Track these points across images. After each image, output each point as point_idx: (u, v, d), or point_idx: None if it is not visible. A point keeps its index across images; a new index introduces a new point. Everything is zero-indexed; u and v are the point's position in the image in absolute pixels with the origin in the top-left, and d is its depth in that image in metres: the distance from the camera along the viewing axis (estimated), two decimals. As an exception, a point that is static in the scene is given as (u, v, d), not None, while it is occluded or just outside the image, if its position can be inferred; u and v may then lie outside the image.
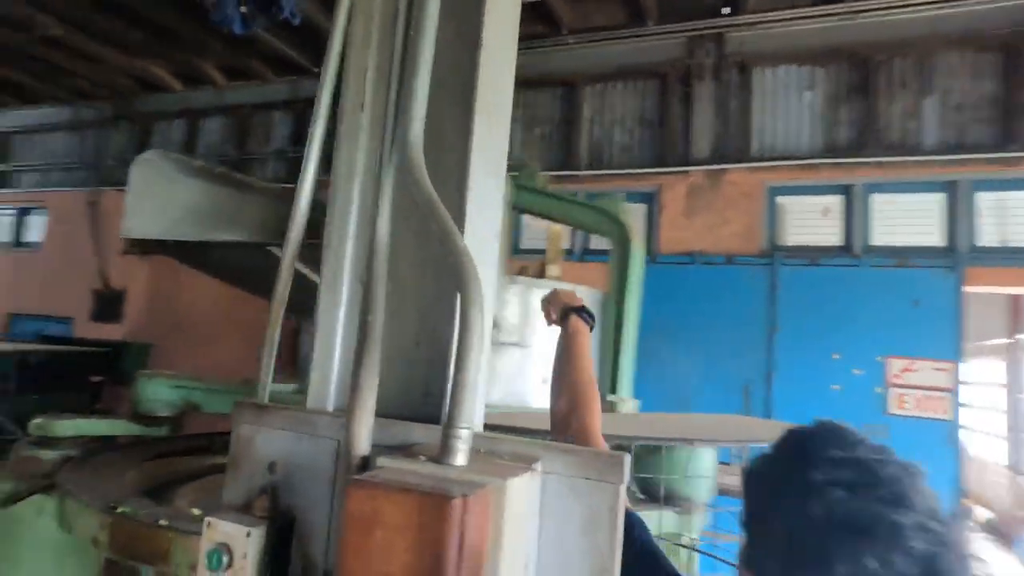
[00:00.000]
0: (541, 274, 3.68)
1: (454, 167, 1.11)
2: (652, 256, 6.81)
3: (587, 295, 3.33)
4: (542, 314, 2.52)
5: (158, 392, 3.42)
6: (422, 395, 1.08)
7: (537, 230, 8.22)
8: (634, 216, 3.91)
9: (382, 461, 0.88)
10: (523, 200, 3.66)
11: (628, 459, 0.90)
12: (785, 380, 6.14)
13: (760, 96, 6.80)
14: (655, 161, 7.08)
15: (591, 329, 1.52)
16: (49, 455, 2.84)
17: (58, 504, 2.22)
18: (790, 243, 6.52)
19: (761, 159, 6.64)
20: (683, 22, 6.98)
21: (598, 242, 7.28)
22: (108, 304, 9.36)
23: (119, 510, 1.95)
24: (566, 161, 7.51)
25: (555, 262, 3.66)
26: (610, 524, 0.88)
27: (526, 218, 8.20)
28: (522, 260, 8.15)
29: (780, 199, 6.64)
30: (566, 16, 7.20)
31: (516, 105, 7.09)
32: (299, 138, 8.90)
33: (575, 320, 1.48)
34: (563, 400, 1.37)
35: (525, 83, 7.76)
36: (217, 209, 2.80)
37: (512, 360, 3.09)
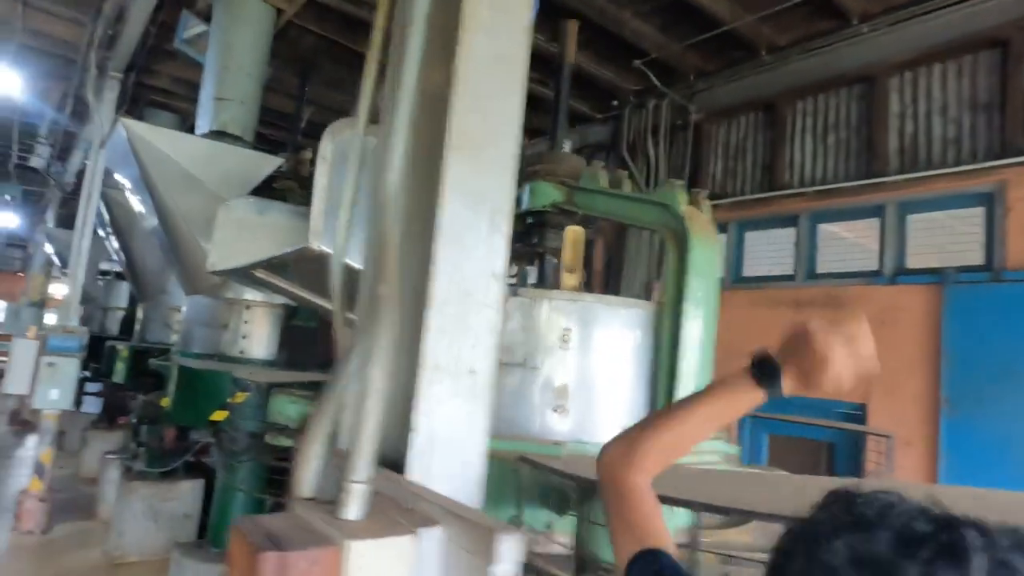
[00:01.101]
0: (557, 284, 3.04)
1: (426, 206, 1.14)
2: (994, 273, 5.32)
3: (630, 310, 2.63)
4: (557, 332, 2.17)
5: (282, 407, 3.65)
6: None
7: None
8: (699, 208, 2.84)
9: (297, 507, 0.95)
10: (581, 202, 3.18)
11: (509, 538, 0.80)
12: None
13: None
14: (994, 152, 5.53)
15: (766, 394, 1.04)
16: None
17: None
18: None
19: None
20: (1025, -32, 5.39)
21: (918, 259, 6.00)
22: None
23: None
24: (870, 168, 6.39)
25: (573, 271, 2.96)
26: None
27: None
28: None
29: None
30: (855, 4, 6.22)
31: (803, 114, 6.49)
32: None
33: (747, 376, 1.03)
34: (648, 446, 1.06)
35: (810, 88, 6.93)
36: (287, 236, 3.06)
37: (512, 383, 2.53)
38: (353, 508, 0.87)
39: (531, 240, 3.24)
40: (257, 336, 6.48)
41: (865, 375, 0.95)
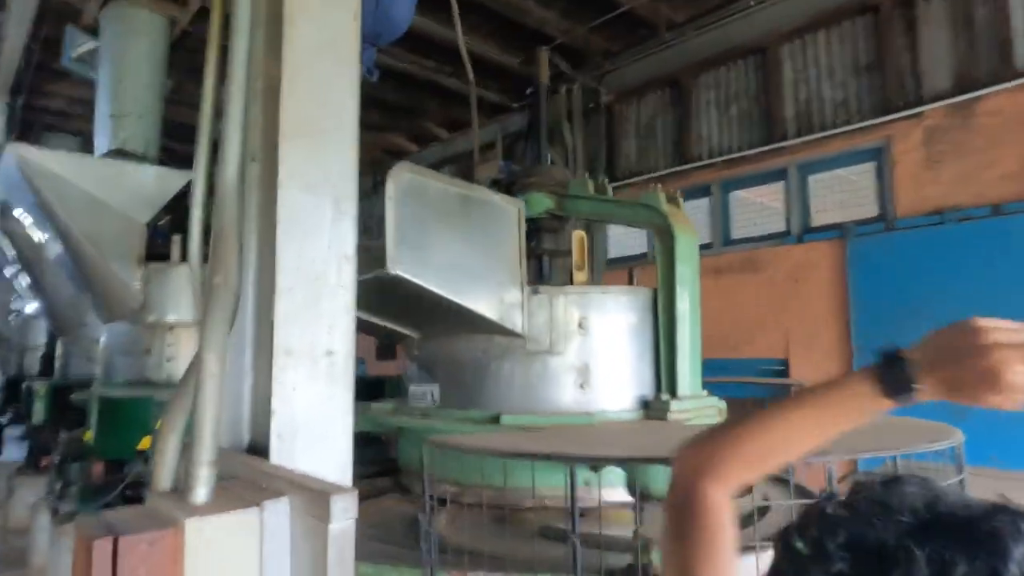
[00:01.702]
0: (570, 280, 3.56)
1: (272, 196, 1.16)
2: (888, 223, 5.69)
3: (629, 296, 3.15)
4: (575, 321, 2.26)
5: (362, 422, 3.92)
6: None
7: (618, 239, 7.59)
8: (676, 207, 3.44)
9: (150, 499, 0.97)
10: (571, 208, 3.66)
11: (343, 498, 0.84)
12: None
13: (1020, -6, 5.22)
14: (878, 110, 5.90)
15: (893, 402, 0.84)
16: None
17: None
18: (1093, 173, 4.82)
19: (1032, 72, 5.06)
20: (890, -64, 5.75)
21: (822, 216, 6.34)
22: (387, 346, 11.14)
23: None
24: (771, 134, 6.70)
25: (582, 268, 3.51)
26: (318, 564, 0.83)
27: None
28: (613, 270, 7.59)
29: (1069, 117, 4.96)
30: (741, -22, 6.50)
31: (706, 87, 6.76)
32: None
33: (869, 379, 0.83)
34: (730, 453, 0.87)
35: (710, 62, 7.20)
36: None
37: (543, 367, 3.00)
38: (200, 491, 0.90)
39: (530, 243, 3.72)
40: (184, 357, 6.27)
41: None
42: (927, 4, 5.66)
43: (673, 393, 2.99)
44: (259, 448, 1.11)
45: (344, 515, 0.81)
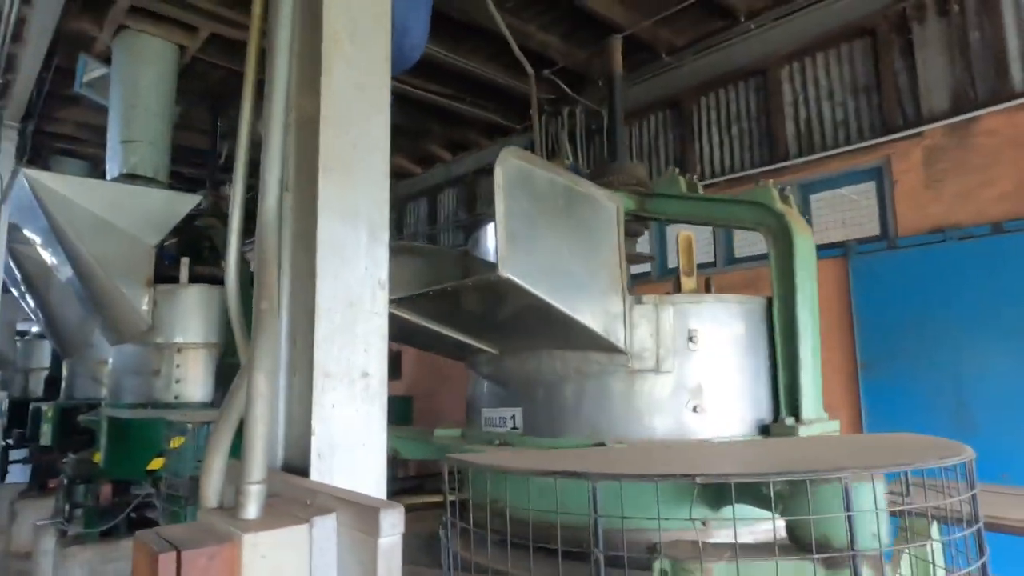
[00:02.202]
0: (677, 288, 3.18)
1: (310, 224, 1.22)
2: (890, 241, 5.76)
3: (743, 306, 2.79)
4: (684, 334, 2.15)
5: (423, 450, 3.69)
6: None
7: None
8: (791, 202, 3.13)
9: (201, 516, 1.01)
10: (657, 208, 3.32)
11: (390, 513, 0.89)
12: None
13: (1014, 14, 5.33)
14: (877, 130, 6.00)
15: None
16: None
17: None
18: (1090, 191, 4.90)
19: (1028, 92, 5.16)
20: (884, -38, 5.90)
21: (824, 235, 6.41)
22: (391, 365, 11.14)
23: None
24: (772, 154, 6.80)
25: (690, 274, 3.12)
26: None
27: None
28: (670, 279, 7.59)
29: (1066, 137, 5.05)
30: (740, 3, 6.64)
31: (707, 108, 6.88)
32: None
33: None
34: None
35: (711, 84, 7.33)
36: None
37: (648, 388, 2.62)
38: (251, 508, 0.94)
39: None
40: (192, 378, 6.32)
41: None
42: (922, 27, 5.79)
43: (797, 416, 2.63)
44: (296, 466, 1.16)
45: (392, 530, 0.85)
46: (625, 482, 1.38)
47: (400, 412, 8.54)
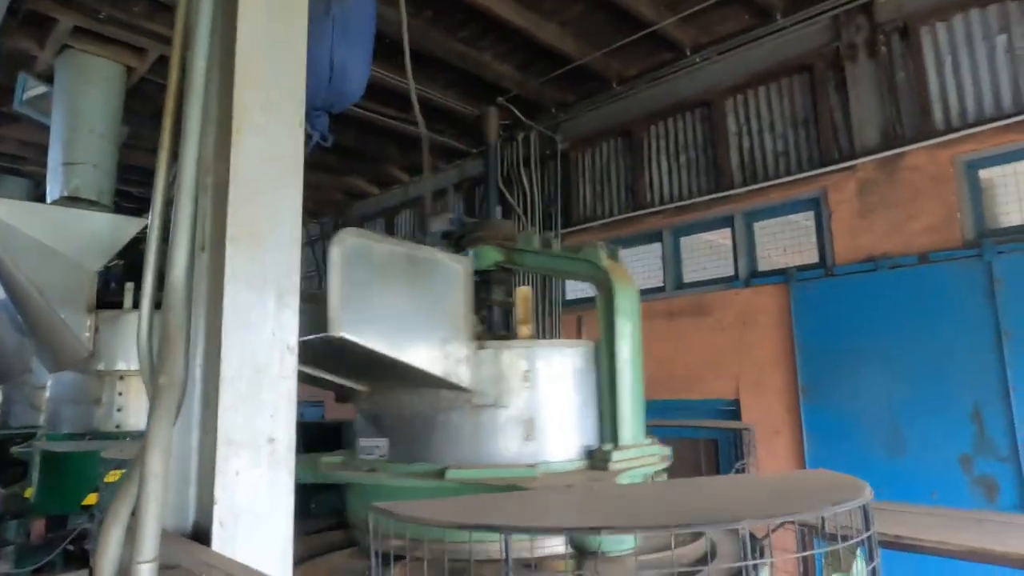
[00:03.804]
0: (515, 334, 3.55)
1: (215, 283, 1.24)
2: (827, 269, 6.01)
3: (574, 348, 3.25)
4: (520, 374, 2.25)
5: (311, 475, 3.84)
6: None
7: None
8: (616, 260, 3.56)
9: (92, 594, 1.01)
10: (519, 261, 3.79)
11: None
12: (1030, 398, 4.82)
13: (934, 58, 5.67)
14: (815, 162, 6.27)
15: None
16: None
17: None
18: (1005, 223, 5.20)
19: (948, 130, 5.48)
20: (819, 3, 6.21)
21: (768, 262, 6.64)
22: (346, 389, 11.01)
23: None
24: (718, 182, 7.03)
25: (526, 323, 3.53)
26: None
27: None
28: (570, 312, 7.79)
29: (984, 173, 5.37)
30: (686, 37, 6.88)
31: (656, 137, 7.07)
32: (470, 212, 9.69)
33: None
34: None
35: (660, 113, 7.55)
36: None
37: (489, 420, 3.03)
38: (139, 589, 0.95)
39: (479, 295, 3.73)
40: (134, 407, 6.15)
41: None
42: (854, 65, 6.09)
43: (615, 442, 3.05)
44: (203, 531, 1.17)
45: (277, 609, 0.88)
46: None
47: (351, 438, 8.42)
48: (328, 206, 11.98)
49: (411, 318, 2.75)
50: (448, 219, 4.36)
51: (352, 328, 2.40)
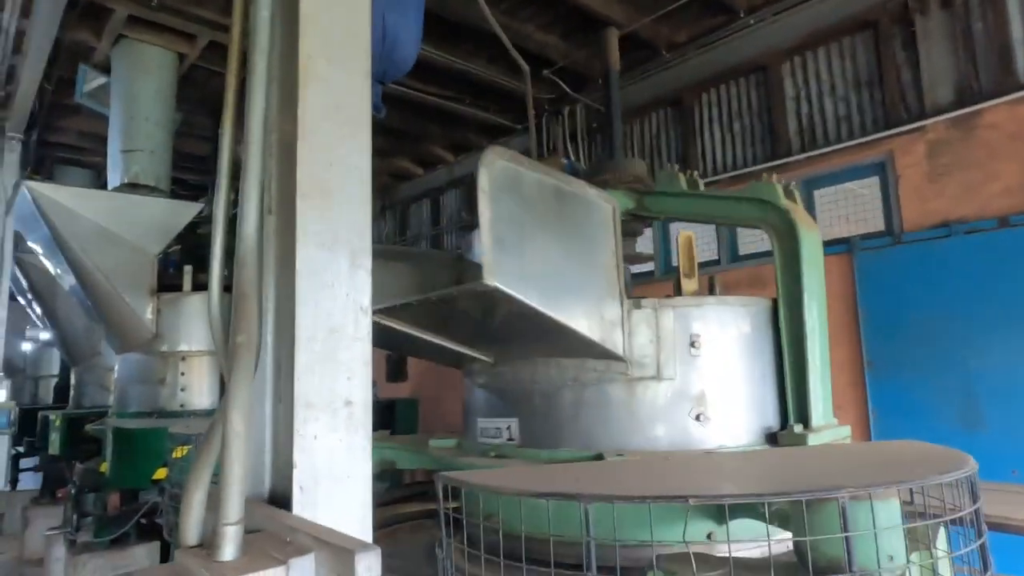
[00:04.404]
0: (678, 291, 3.00)
1: (291, 251, 1.20)
2: (895, 236, 5.70)
3: (748, 308, 2.67)
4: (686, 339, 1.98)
5: (417, 460, 3.45)
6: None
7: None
8: (795, 200, 2.92)
9: (179, 556, 1.00)
10: (657, 207, 3.15)
11: (366, 556, 0.87)
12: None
13: (1018, 4, 5.25)
14: (879, 125, 5.93)
15: None
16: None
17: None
18: (1099, 184, 4.82)
19: (1034, 83, 5.09)
20: (885, -47, 5.83)
21: (829, 231, 6.35)
22: (397, 367, 11.15)
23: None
24: (774, 150, 6.74)
25: (691, 275, 2.92)
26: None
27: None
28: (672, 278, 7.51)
29: (1072, 129, 4.98)
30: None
31: (709, 105, 6.81)
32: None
33: None
34: None
35: (712, 80, 7.27)
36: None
37: (649, 396, 2.47)
38: (227, 549, 0.92)
39: None
40: (197, 386, 6.35)
41: None
42: (925, 19, 5.71)
43: (806, 423, 2.49)
44: (281, 497, 1.14)
45: (368, 573, 0.84)
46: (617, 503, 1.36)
47: (407, 414, 8.54)
48: (376, 190, 12.10)
49: (564, 268, 2.23)
50: (560, 164, 3.75)
51: (508, 278, 1.91)
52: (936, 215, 5.45)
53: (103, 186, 6.98)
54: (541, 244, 2.14)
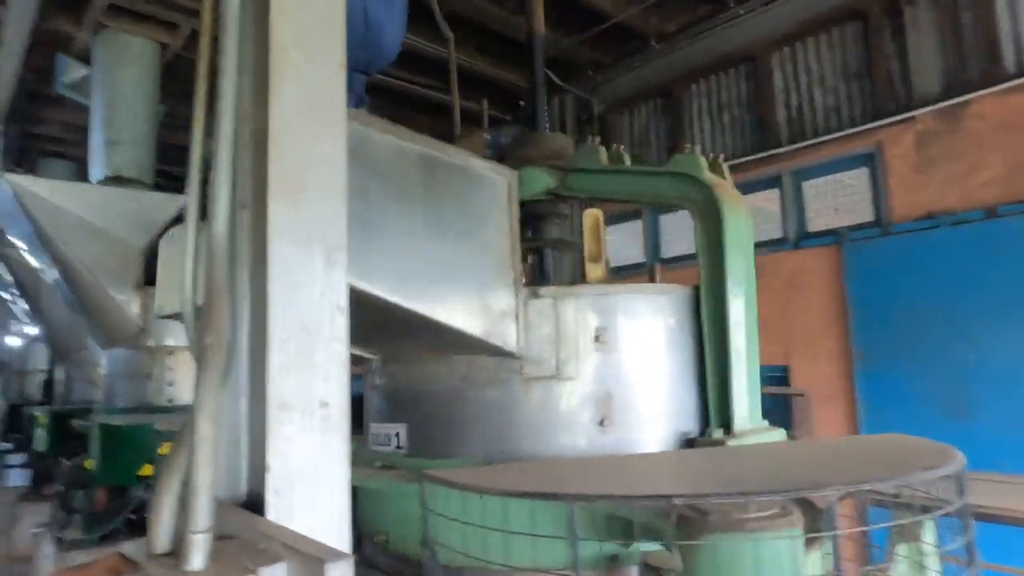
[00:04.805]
0: (583, 277, 2.73)
1: (263, 250, 1.16)
2: (883, 228, 5.71)
3: (666, 296, 2.35)
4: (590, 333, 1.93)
5: None
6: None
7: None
8: (721, 174, 2.58)
9: (148, 564, 0.97)
10: (578, 185, 2.79)
11: (338, 565, 0.84)
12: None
13: (1006, -5, 5.25)
14: (868, 116, 5.93)
15: None
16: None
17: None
18: (1085, 174, 4.84)
19: (1020, 74, 5.09)
20: (874, -57, 5.81)
21: (817, 223, 6.35)
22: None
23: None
24: (763, 141, 6.73)
25: (598, 259, 2.65)
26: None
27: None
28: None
29: (1059, 119, 4.99)
30: (729, -12, 6.55)
31: (698, 96, 6.75)
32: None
33: None
34: None
35: (702, 71, 7.24)
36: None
37: (547, 399, 2.16)
38: (195, 558, 0.90)
39: (525, 235, 2.77)
40: (184, 381, 6.29)
41: None
42: (914, 9, 5.70)
43: (728, 428, 2.23)
44: (256, 501, 1.12)
45: (339, 582, 0.81)
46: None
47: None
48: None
49: (434, 252, 1.95)
50: (483, 140, 3.46)
51: (352, 268, 1.53)
52: (923, 206, 5.46)
53: (86, 179, 6.88)
54: (398, 223, 1.86)
